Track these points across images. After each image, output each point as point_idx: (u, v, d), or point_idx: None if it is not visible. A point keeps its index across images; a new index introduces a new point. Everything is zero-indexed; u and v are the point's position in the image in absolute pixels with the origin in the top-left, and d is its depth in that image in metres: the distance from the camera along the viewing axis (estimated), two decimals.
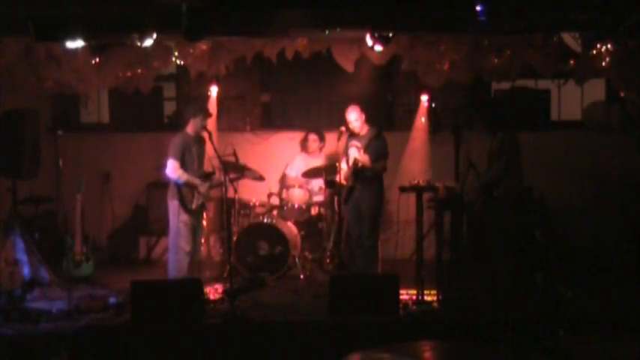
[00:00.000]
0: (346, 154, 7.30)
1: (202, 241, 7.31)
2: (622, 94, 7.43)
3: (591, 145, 8.66)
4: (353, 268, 7.41)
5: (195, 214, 7.01)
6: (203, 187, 6.96)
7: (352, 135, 7.29)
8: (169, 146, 6.92)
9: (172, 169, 6.82)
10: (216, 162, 6.98)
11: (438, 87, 8.01)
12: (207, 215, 7.55)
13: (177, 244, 6.94)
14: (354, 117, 7.21)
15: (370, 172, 7.18)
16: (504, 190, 6.56)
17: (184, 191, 6.87)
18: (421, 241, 6.80)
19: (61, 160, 6.86)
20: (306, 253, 7.99)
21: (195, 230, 7.03)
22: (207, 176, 7.06)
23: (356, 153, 7.21)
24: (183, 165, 6.87)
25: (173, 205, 6.93)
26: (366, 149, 7.16)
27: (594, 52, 6.76)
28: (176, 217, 6.92)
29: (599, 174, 8.53)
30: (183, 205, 6.87)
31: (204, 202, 7.10)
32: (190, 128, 6.98)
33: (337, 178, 7.16)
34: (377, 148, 7.18)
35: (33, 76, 7.38)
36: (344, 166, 7.29)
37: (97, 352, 5.71)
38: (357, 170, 7.14)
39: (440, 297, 6.48)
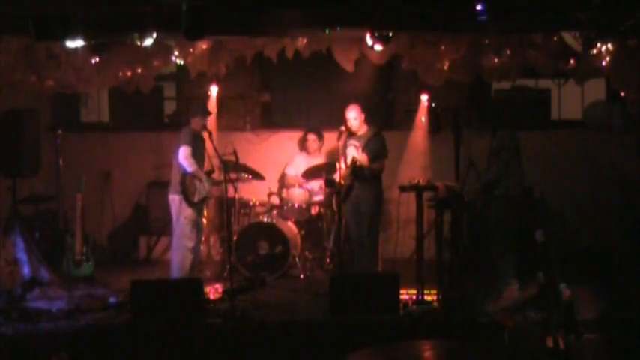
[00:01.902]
0: (344, 153, 7.29)
1: (202, 239, 7.31)
2: (622, 94, 7.43)
3: (591, 145, 8.67)
4: (352, 267, 7.41)
5: (198, 209, 7.02)
6: (207, 183, 6.99)
7: (351, 134, 7.29)
8: (181, 136, 6.96)
9: (186, 156, 6.82)
10: (216, 161, 6.99)
11: (438, 87, 8.01)
12: (207, 213, 7.54)
13: (181, 241, 6.95)
14: (354, 115, 7.21)
15: (368, 172, 7.18)
16: (505, 190, 6.56)
17: (187, 184, 6.87)
18: (421, 240, 6.79)
19: (61, 159, 6.87)
20: (306, 253, 7.99)
21: (198, 225, 7.05)
22: (207, 174, 7.08)
23: (354, 152, 7.21)
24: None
25: (175, 200, 6.94)
26: (365, 149, 7.16)
27: (594, 51, 6.76)
28: (180, 213, 6.92)
29: (599, 174, 8.54)
30: (186, 198, 6.87)
31: (206, 198, 7.10)
32: (194, 124, 7.02)
33: (336, 178, 7.17)
34: (375, 147, 7.19)
35: (33, 75, 7.38)
36: (342, 166, 7.29)
37: (97, 352, 5.72)
38: (355, 170, 7.14)
39: (440, 297, 6.48)
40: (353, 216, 7.34)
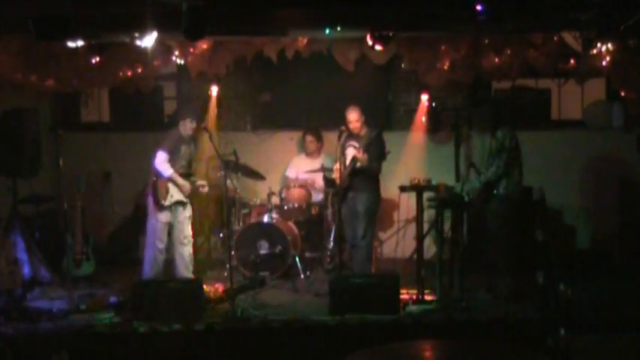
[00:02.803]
0: (343, 154, 7.24)
1: (190, 238, 7.26)
2: (622, 94, 7.43)
3: (591, 145, 8.67)
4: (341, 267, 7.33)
5: (172, 212, 7.02)
6: (186, 187, 7.00)
7: (350, 135, 7.26)
8: (163, 139, 6.99)
9: (160, 161, 6.90)
10: (215, 162, 7.01)
11: (438, 87, 8.01)
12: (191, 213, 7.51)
13: (150, 241, 7.03)
14: (355, 117, 7.18)
15: (368, 172, 7.16)
16: (504, 189, 6.56)
17: (158, 187, 6.92)
18: (421, 240, 6.80)
19: (62, 159, 6.87)
20: (306, 253, 7.99)
21: (171, 228, 7.05)
22: (189, 176, 7.09)
23: (354, 153, 7.17)
24: (170, 161, 6.92)
25: (150, 200, 7.01)
26: (366, 149, 7.12)
27: (594, 51, 6.76)
28: (151, 214, 7.02)
29: (599, 174, 8.54)
30: (156, 200, 6.92)
31: (185, 202, 7.09)
32: (181, 128, 7.03)
33: (335, 178, 7.14)
34: (376, 149, 7.15)
35: (33, 75, 7.38)
36: (341, 167, 7.27)
37: (97, 352, 5.71)
38: (355, 170, 7.11)
39: (440, 297, 6.48)
40: (349, 216, 7.28)
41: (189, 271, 7.18)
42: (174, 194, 6.97)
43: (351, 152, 7.18)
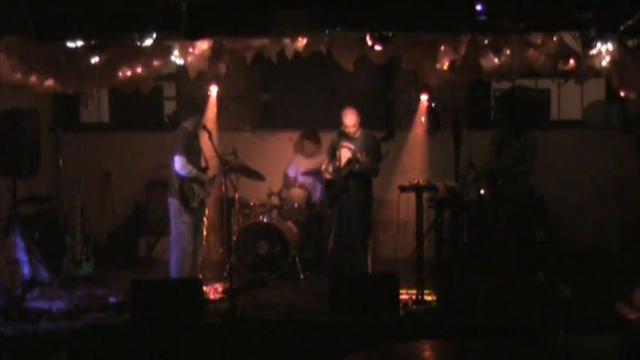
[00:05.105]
0: (333, 154, 7.20)
1: (203, 242, 7.25)
2: (622, 94, 7.42)
3: (591, 145, 8.67)
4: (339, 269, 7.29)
5: (196, 213, 7.00)
6: (208, 181, 6.98)
7: (343, 135, 7.22)
8: (174, 143, 6.91)
9: (182, 165, 6.80)
10: (216, 161, 6.99)
11: (438, 87, 8.00)
12: (207, 212, 7.51)
13: (179, 244, 6.92)
14: (352, 122, 7.15)
15: (372, 174, 7.14)
16: (522, 187, 6.57)
17: (185, 189, 6.86)
18: (421, 240, 6.79)
19: (61, 159, 6.87)
20: (306, 253, 7.99)
21: (196, 229, 7.02)
22: (205, 170, 7.06)
23: (348, 153, 7.14)
24: (189, 161, 6.88)
25: (173, 204, 6.92)
26: (365, 151, 7.08)
27: (594, 51, 6.75)
28: (177, 217, 6.91)
29: (599, 174, 8.54)
30: (185, 203, 6.86)
31: (204, 198, 7.08)
32: (189, 125, 6.99)
33: (325, 176, 7.11)
34: (376, 151, 7.13)
35: (33, 75, 7.37)
36: (328, 167, 7.27)
37: (97, 352, 5.72)
38: (353, 172, 7.08)
39: (440, 297, 6.48)
40: (345, 217, 7.22)
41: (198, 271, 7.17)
42: (200, 192, 6.95)
43: (345, 153, 7.13)
